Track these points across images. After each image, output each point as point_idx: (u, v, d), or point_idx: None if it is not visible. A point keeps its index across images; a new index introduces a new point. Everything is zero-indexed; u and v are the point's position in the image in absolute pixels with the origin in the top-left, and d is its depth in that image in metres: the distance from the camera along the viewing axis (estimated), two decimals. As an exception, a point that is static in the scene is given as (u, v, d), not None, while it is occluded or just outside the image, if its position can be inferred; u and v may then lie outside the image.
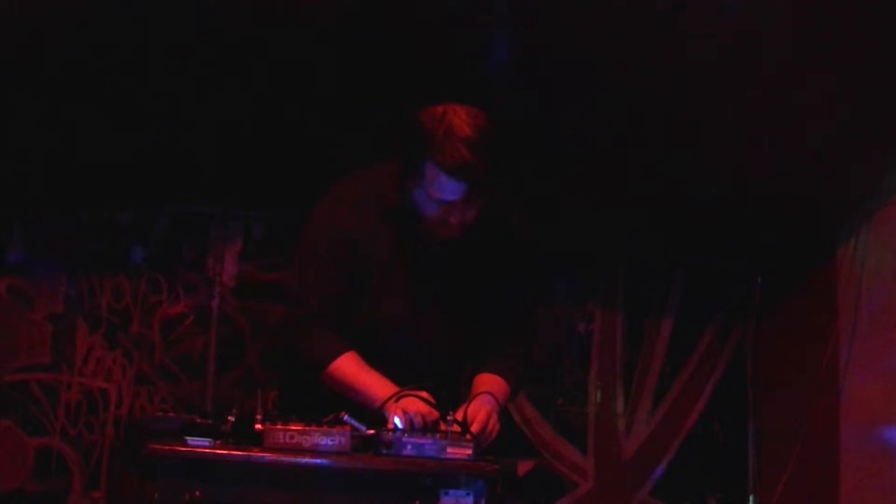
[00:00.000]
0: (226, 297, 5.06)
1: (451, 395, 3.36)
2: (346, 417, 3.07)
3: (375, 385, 3.24)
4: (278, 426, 2.94)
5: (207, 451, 2.89)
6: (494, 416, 3.20)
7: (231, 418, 3.01)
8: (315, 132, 4.47)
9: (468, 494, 2.88)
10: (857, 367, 4.64)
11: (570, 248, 5.19)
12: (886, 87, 3.98)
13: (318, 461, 2.90)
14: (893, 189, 4.50)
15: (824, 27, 3.75)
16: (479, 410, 3.16)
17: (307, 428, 2.94)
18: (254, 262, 5.07)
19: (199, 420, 3.01)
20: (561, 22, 3.86)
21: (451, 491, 2.88)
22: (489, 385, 3.34)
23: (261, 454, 2.90)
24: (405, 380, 3.22)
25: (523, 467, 5.17)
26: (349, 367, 3.29)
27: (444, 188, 3.15)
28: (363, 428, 3.04)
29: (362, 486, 2.90)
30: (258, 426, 2.98)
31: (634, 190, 4.76)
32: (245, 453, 2.90)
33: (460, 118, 3.13)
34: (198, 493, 2.86)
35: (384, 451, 2.94)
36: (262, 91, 4.28)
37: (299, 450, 2.91)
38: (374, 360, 3.31)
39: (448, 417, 3.02)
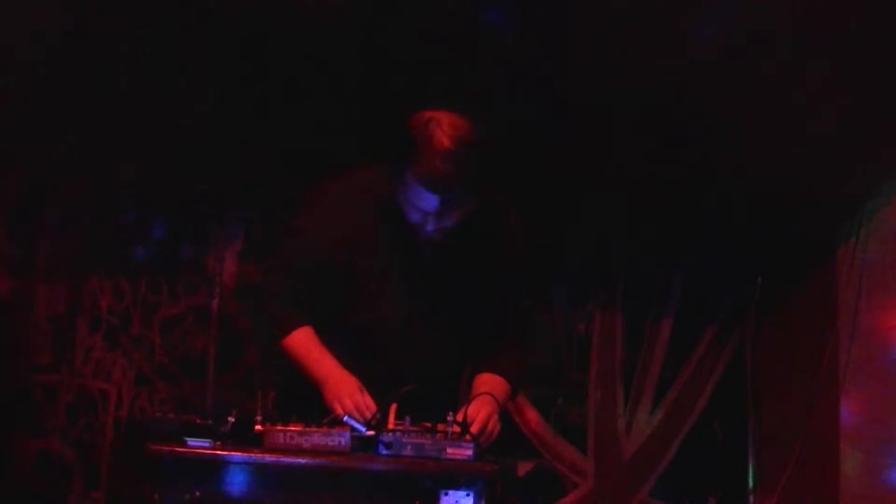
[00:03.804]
0: (226, 297, 5.06)
1: (450, 394, 3.37)
2: (345, 418, 3.07)
3: (317, 364, 3.26)
4: (278, 427, 2.94)
5: (207, 451, 2.89)
6: (495, 417, 3.19)
7: (231, 419, 3.01)
8: (315, 132, 4.47)
9: (468, 495, 2.88)
10: (857, 367, 4.64)
11: (570, 248, 5.19)
12: (887, 86, 3.98)
13: (318, 462, 2.90)
14: (893, 189, 4.50)
15: (824, 27, 3.75)
16: (480, 411, 3.16)
17: (307, 429, 2.94)
18: (254, 262, 5.07)
19: (198, 421, 3.01)
20: (561, 22, 3.86)
21: (450, 491, 2.87)
22: (489, 385, 3.34)
23: (261, 455, 2.90)
24: (402, 378, 3.23)
25: (523, 467, 5.17)
26: (300, 343, 3.31)
27: (420, 198, 3.14)
28: (363, 429, 3.04)
29: (362, 487, 2.90)
30: (258, 427, 2.98)
31: (634, 190, 4.76)
32: (245, 454, 2.89)
33: (442, 129, 3.09)
34: (198, 493, 2.86)
35: (384, 452, 2.94)
36: (262, 91, 4.28)
37: (299, 450, 2.91)
38: (372, 359, 3.32)
39: (448, 418, 3.02)
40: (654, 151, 4.52)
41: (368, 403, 3.16)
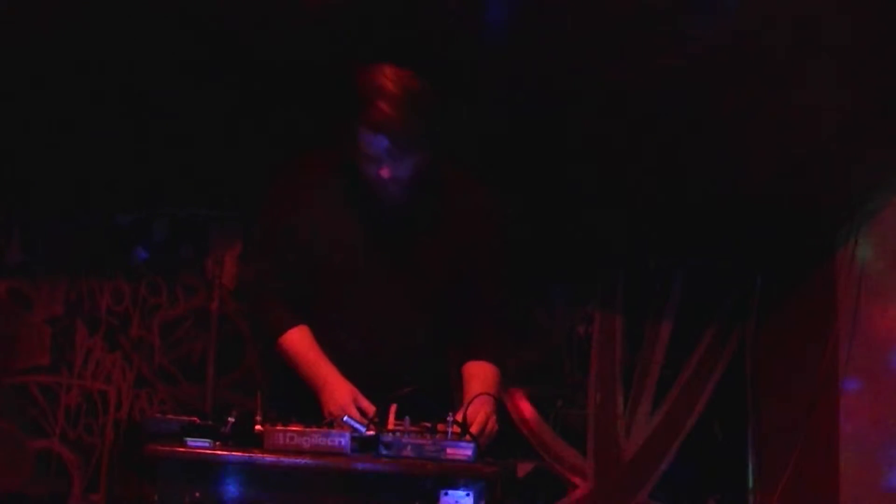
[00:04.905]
0: (225, 298, 5.05)
1: (439, 382, 3.40)
2: (345, 419, 3.07)
3: (313, 368, 3.32)
4: (278, 427, 2.94)
5: (207, 452, 2.88)
6: (493, 417, 3.22)
7: (231, 420, 3.00)
8: (316, 134, 4.47)
9: (468, 495, 2.87)
10: (857, 367, 4.63)
11: (570, 249, 5.19)
12: (886, 87, 3.98)
13: (318, 462, 2.89)
14: (893, 189, 4.50)
15: (825, 27, 3.75)
16: (479, 411, 3.17)
17: (307, 429, 2.94)
18: (246, 262, 5.07)
19: (198, 422, 3.01)
20: (561, 22, 3.86)
21: (450, 492, 2.87)
22: (481, 377, 3.37)
23: (261, 455, 2.89)
24: (386, 366, 3.29)
25: (523, 468, 5.17)
26: (295, 344, 3.37)
27: (369, 143, 3.23)
28: (363, 429, 3.04)
29: (362, 488, 2.90)
30: (258, 427, 2.98)
31: (634, 190, 4.76)
32: (245, 455, 2.89)
33: (385, 76, 3.22)
34: (198, 494, 2.86)
35: (384, 452, 2.94)
36: (262, 91, 4.28)
37: (299, 451, 2.90)
38: (354, 345, 3.36)
39: (448, 419, 3.02)
40: (654, 151, 4.51)
41: (366, 409, 3.17)
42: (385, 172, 3.25)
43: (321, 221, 3.39)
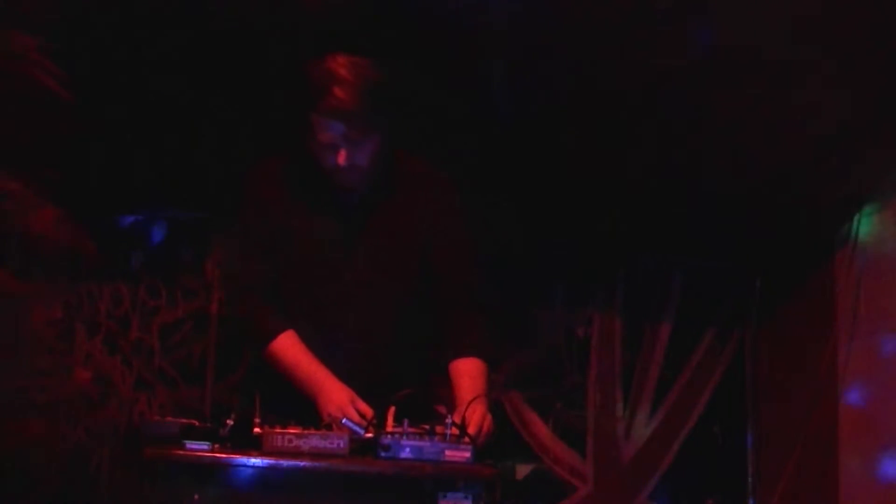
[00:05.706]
0: (225, 301, 5.05)
1: (426, 381, 3.41)
2: (344, 421, 3.07)
3: (307, 374, 3.32)
4: (277, 430, 2.94)
5: (206, 455, 2.88)
6: (489, 417, 3.23)
7: (229, 422, 3.00)
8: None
9: (466, 497, 2.87)
10: (857, 368, 4.64)
11: (569, 250, 5.19)
12: (886, 87, 3.98)
13: (317, 464, 2.89)
14: (893, 189, 4.50)
15: (824, 27, 3.75)
16: (474, 412, 3.18)
17: (305, 431, 2.94)
18: (230, 266, 5.06)
19: (197, 424, 3.00)
20: (561, 22, 3.86)
21: (449, 494, 2.87)
22: (471, 373, 3.37)
23: (259, 458, 2.89)
24: (366, 357, 3.32)
25: (522, 471, 5.16)
26: (286, 349, 3.37)
27: (325, 131, 3.25)
28: (361, 431, 3.04)
29: (361, 490, 2.90)
30: (257, 430, 2.98)
31: (633, 191, 4.76)
32: (244, 457, 2.89)
33: (337, 63, 3.25)
34: (196, 496, 2.85)
35: (382, 455, 2.93)
36: (261, 91, 4.28)
37: (298, 453, 2.90)
38: (338, 339, 3.37)
39: (446, 421, 3.02)
40: (653, 152, 4.52)
41: (364, 412, 3.17)
42: (342, 159, 3.27)
43: (295, 223, 3.41)
